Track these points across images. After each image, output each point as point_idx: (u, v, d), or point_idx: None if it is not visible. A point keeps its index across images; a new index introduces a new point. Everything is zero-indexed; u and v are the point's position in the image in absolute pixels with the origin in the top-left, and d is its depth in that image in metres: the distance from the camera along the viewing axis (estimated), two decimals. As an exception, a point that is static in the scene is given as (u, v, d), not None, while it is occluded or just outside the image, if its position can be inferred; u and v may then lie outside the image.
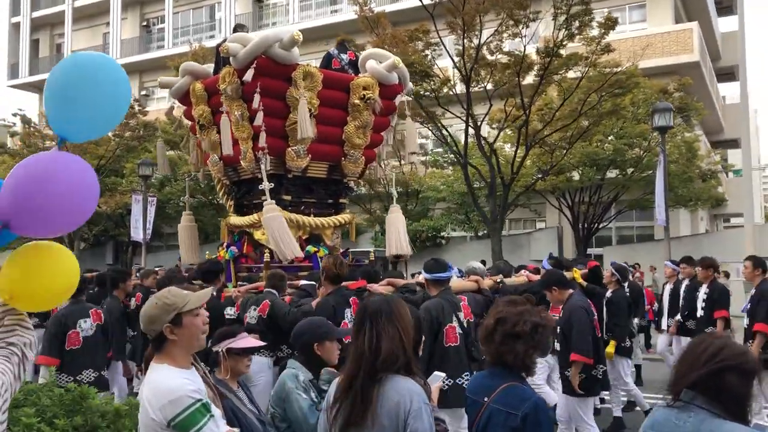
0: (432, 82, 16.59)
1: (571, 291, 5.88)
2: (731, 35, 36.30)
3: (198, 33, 33.97)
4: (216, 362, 3.60)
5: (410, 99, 17.29)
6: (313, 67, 7.91)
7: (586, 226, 22.71)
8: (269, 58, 7.34)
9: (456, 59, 16.64)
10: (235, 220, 8.36)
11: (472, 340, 5.30)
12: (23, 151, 23.55)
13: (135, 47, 35.54)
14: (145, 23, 36.57)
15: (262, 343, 3.50)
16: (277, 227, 7.27)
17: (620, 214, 23.20)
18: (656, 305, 11.88)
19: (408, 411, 2.40)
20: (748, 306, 7.14)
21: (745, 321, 7.20)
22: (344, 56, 8.89)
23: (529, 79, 17.11)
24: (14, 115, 24.18)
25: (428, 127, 18.89)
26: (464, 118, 16.85)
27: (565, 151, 17.77)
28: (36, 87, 38.59)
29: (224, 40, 7.81)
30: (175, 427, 2.48)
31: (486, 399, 2.67)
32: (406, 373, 2.50)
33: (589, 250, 23.28)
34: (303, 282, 6.67)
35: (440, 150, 25.39)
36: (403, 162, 18.96)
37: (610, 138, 19.99)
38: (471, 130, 18.23)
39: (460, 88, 17.41)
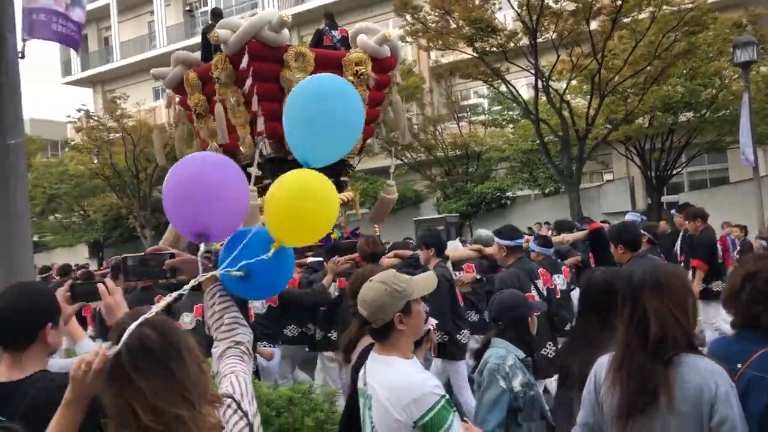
0: (498, 37, 16.03)
1: (635, 254, 5.15)
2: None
3: (241, 13, 33.81)
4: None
5: (475, 56, 16.88)
6: (305, 47, 7.89)
7: (657, 174, 21.92)
8: (260, 41, 7.31)
9: (519, 10, 16.03)
10: None
11: (554, 309, 5.13)
12: (89, 145, 24.01)
13: (180, 33, 35.65)
14: (188, 8, 36.61)
15: None
16: (249, 217, 7.15)
17: (694, 158, 22.31)
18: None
19: (714, 396, 2.12)
20: None
21: None
22: (335, 33, 8.79)
23: (594, 25, 16.39)
24: (78, 110, 24.62)
25: (492, 85, 18.35)
26: (532, 72, 16.28)
27: (639, 98, 17.02)
28: (89, 82, 39.24)
29: (209, 26, 7.78)
30: (423, 427, 2.29)
31: (740, 366, 2.39)
32: (691, 351, 2.23)
33: (663, 198, 22.52)
34: (310, 259, 6.78)
35: (498, 108, 24.80)
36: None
37: (682, 79, 19.10)
38: (533, 85, 17.69)
39: (523, 41, 16.81)
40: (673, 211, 9.80)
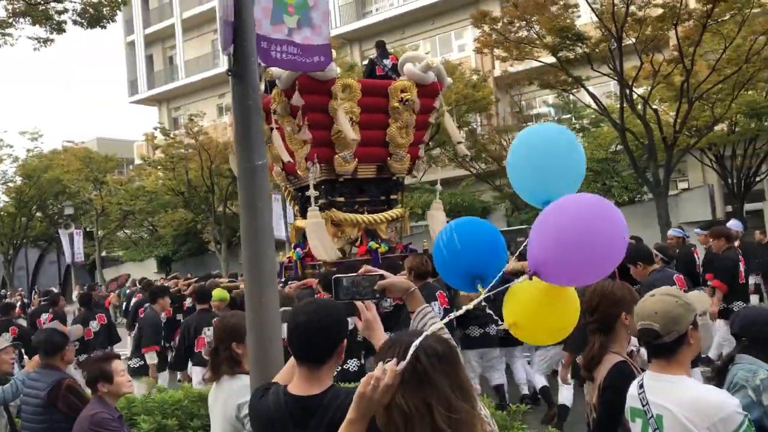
0: (584, 45, 15.86)
1: (654, 267, 5.91)
2: None
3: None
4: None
5: (548, 65, 16.69)
6: (351, 79, 8.71)
7: (739, 181, 21.28)
8: (309, 77, 7.93)
9: (599, 17, 15.83)
10: (299, 223, 9.15)
11: None
12: (164, 161, 24.65)
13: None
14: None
15: None
16: (317, 232, 8.04)
17: (776, 164, 21.58)
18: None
19: None
20: None
21: None
22: (386, 61, 9.52)
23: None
24: (155, 128, 25.34)
25: (572, 93, 18.15)
26: (615, 78, 16.07)
27: (728, 103, 16.62)
28: (155, 100, 40.33)
29: (266, 67, 8.60)
30: None
31: None
32: None
33: (746, 206, 21.87)
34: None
35: (568, 116, 24.47)
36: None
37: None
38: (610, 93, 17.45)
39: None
40: (696, 230, 9.89)
